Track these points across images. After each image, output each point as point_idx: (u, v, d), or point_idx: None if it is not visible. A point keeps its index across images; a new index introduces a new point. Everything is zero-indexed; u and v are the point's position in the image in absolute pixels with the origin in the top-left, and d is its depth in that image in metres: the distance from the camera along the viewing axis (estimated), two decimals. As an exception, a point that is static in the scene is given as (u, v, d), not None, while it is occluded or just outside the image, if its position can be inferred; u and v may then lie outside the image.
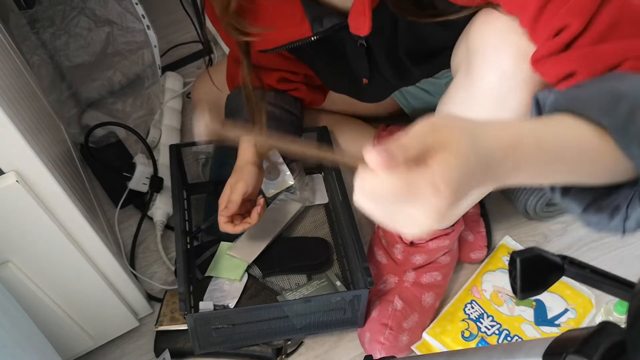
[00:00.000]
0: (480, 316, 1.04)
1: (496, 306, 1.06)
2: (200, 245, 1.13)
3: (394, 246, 1.05)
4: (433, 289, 1.05)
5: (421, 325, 1.03)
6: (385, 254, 1.08)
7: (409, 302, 1.03)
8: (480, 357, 0.55)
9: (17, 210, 0.76)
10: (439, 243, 1.03)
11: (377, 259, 1.08)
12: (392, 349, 0.99)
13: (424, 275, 1.05)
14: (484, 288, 1.08)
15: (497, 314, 1.04)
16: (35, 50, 1.24)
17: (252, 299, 1.05)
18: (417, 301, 1.03)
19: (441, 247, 1.04)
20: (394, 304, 1.02)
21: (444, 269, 1.07)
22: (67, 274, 0.88)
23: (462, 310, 1.05)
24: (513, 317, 1.04)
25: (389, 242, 1.07)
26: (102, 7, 1.27)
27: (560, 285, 1.07)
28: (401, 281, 1.04)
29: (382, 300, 1.03)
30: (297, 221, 1.18)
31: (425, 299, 1.04)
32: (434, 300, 1.05)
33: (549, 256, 0.46)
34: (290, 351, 1.04)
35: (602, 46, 0.60)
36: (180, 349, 1.03)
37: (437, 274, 1.05)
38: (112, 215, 1.19)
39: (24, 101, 0.87)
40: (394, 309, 1.02)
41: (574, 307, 1.05)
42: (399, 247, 1.05)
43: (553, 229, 1.17)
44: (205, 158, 1.25)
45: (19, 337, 0.75)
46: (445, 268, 1.07)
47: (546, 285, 0.46)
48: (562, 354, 0.41)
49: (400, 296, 1.03)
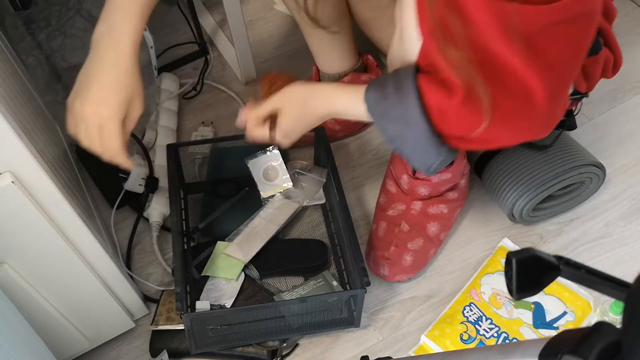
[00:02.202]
0: (479, 319, 1.04)
1: (495, 309, 1.06)
2: (197, 246, 1.13)
3: (401, 177, 1.12)
4: (438, 219, 1.12)
5: (425, 250, 1.10)
6: (394, 184, 1.14)
7: (414, 227, 1.11)
8: (476, 357, 0.56)
9: (13, 212, 0.76)
10: (441, 177, 1.09)
11: (388, 188, 1.16)
12: (395, 266, 1.08)
13: (431, 206, 1.12)
14: (483, 291, 1.08)
15: (495, 316, 1.05)
16: (31, 51, 1.24)
17: (248, 300, 1.05)
18: (422, 228, 1.11)
19: (444, 181, 1.10)
20: (400, 227, 1.10)
21: (451, 203, 1.13)
22: (62, 275, 0.88)
23: (461, 313, 1.05)
24: (512, 319, 1.04)
25: (397, 174, 1.13)
26: (99, 7, 1.25)
27: (559, 287, 1.07)
28: (408, 209, 1.12)
29: (390, 223, 1.12)
30: (294, 221, 1.18)
31: (430, 228, 1.11)
32: (439, 230, 1.12)
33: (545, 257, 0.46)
34: (286, 353, 1.04)
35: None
36: (175, 348, 1.03)
37: (443, 206, 1.12)
38: (107, 216, 1.19)
39: (20, 102, 0.87)
40: (400, 231, 1.10)
41: (573, 309, 1.05)
42: (405, 178, 1.11)
43: (549, 230, 1.17)
44: (202, 158, 1.25)
45: (14, 339, 0.75)
46: (452, 203, 1.14)
47: (542, 286, 0.46)
48: (557, 354, 0.41)
49: (407, 221, 1.11)
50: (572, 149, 1.13)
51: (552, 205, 1.16)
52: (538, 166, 1.11)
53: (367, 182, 1.26)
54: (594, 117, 1.33)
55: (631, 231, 1.17)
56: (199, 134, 1.30)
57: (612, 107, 1.35)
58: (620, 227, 1.17)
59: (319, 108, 0.91)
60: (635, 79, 1.38)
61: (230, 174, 1.21)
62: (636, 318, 0.38)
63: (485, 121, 0.74)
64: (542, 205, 1.15)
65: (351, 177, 1.26)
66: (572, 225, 1.18)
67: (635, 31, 1.46)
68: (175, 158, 1.15)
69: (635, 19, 1.48)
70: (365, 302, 1.07)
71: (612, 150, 1.27)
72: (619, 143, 1.29)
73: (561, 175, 1.10)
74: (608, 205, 1.20)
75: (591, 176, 1.14)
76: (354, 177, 1.26)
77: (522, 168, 1.12)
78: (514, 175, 1.12)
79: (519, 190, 1.11)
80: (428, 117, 0.79)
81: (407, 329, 1.07)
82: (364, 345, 1.06)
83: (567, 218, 1.19)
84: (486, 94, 0.72)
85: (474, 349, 0.83)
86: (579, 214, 1.19)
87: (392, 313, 1.09)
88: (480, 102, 0.73)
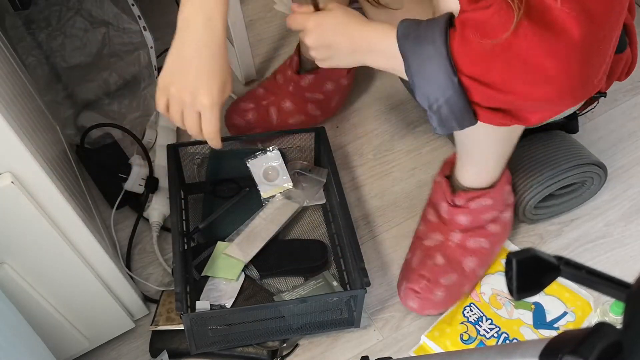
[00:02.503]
0: (479, 319, 1.04)
1: (495, 309, 1.06)
2: (197, 246, 1.13)
3: (440, 205, 1.07)
4: (477, 254, 1.06)
5: (459, 286, 1.04)
6: (434, 212, 1.09)
7: (450, 261, 1.05)
8: (476, 357, 0.55)
9: (13, 212, 0.76)
10: (481, 202, 1.03)
11: (428, 217, 1.10)
12: (425, 301, 1.03)
13: (470, 239, 1.06)
14: (483, 291, 1.08)
15: (496, 317, 1.05)
16: (31, 51, 1.24)
17: (248, 300, 1.05)
18: (458, 263, 1.05)
19: (485, 208, 1.04)
20: (435, 259, 1.05)
21: (492, 237, 1.07)
22: (62, 276, 0.88)
23: (461, 313, 1.05)
24: (512, 320, 1.04)
25: (436, 201, 1.09)
26: (98, 8, 1.27)
27: (559, 288, 1.07)
28: (446, 240, 1.06)
29: (425, 254, 1.06)
30: (294, 222, 1.18)
31: (467, 263, 1.05)
32: (476, 266, 1.06)
33: (545, 257, 0.46)
34: (286, 353, 1.04)
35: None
36: (175, 349, 1.03)
37: (483, 240, 1.06)
38: (107, 217, 1.19)
39: (20, 102, 0.87)
40: (434, 264, 1.04)
41: (573, 309, 1.05)
42: (444, 206, 1.06)
43: (549, 230, 1.17)
44: (201, 159, 1.25)
45: (14, 339, 0.75)
46: (493, 237, 1.07)
47: (542, 286, 0.46)
48: (558, 354, 0.41)
49: (443, 254, 1.05)
50: (574, 148, 1.13)
51: (553, 205, 1.16)
52: (541, 163, 1.11)
53: (367, 182, 1.25)
54: (594, 117, 1.33)
55: (631, 231, 1.17)
56: (199, 134, 1.30)
57: (612, 107, 1.35)
58: (620, 227, 1.17)
59: (356, 37, 0.85)
60: (635, 79, 1.38)
61: (230, 174, 1.21)
62: (636, 318, 0.38)
63: (511, 29, 0.67)
64: (544, 204, 1.15)
65: (351, 178, 1.26)
66: (572, 226, 1.18)
67: (636, 31, 1.45)
68: (175, 158, 1.15)
69: (635, 19, 1.48)
70: (366, 302, 1.07)
71: (612, 151, 1.27)
72: (619, 143, 1.29)
73: (565, 172, 1.09)
74: (608, 206, 1.20)
75: (593, 176, 1.14)
76: (354, 177, 1.26)
77: (525, 165, 1.12)
78: (517, 171, 1.12)
79: (523, 186, 1.10)
80: (448, 38, 0.73)
81: (407, 329, 1.07)
82: (364, 345, 1.05)
83: (567, 218, 1.19)
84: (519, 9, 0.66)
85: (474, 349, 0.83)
86: (579, 214, 1.19)
87: (392, 313, 1.09)
88: (511, 13, 0.67)
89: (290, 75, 1.26)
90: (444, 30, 0.74)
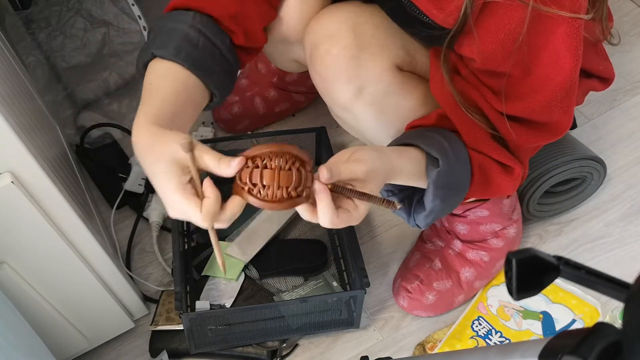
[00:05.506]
0: (489, 332, 1.04)
1: (503, 321, 1.05)
2: (197, 246, 1.13)
3: None
4: (475, 267, 1.06)
5: (452, 295, 1.06)
6: (439, 220, 1.10)
7: (447, 268, 1.06)
8: (476, 358, 0.55)
9: (12, 212, 0.76)
10: (477, 212, 1.03)
11: (434, 223, 1.10)
12: (415, 301, 1.05)
13: (471, 251, 1.07)
14: (490, 303, 1.07)
15: (505, 329, 1.04)
16: (31, 51, 1.24)
17: (248, 300, 1.05)
18: (455, 271, 1.06)
19: (482, 219, 1.04)
20: (433, 263, 1.07)
21: (493, 252, 1.07)
22: (62, 275, 0.88)
23: (470, 328, 1.04)
24: (521, 331, 1.04)
25: None
26: (98, 8, 1.27)
27: (565, 295, 1.06)
28: (447, 247, 1.08)
29: (424, 257, 1.08)
30: (294, 222, 1.18)
31: (464, 273, 1.06)
32: (473, 278, 1.06)
33: (545, 257, 0.46)
34: (286, 353, 1.04)
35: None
36: (175, 348, 1.03)
37: (484, 253, 1.07)
38: (107, 216, 1.19)
39: (20, 102, 0.87)
40: (431, 267, 1.07)
41: (581, 317, 1.04)
42: None
43: (549, 230, 1.17)
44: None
45: (14, 339, 0.75)
46: (494, 252, 1.07)
47: (542, 287, 0.46)
48: (557, 354, 0.41)
49: (441, 259, 1.07)
50: (571, 144, 1.13)
51: (555, 202, 1.15)
52: (538, 158, 1.10)
53: (367, 182, 1.25)
54: (594, 118, 1.33)
55: (631, 231, 1.17)
56: (198, 134, 1.30)
57: (612, 107, 1.35)
58: (620, 227, 1.17)
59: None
60: (635, 79, 1.38)
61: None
62: (636, 318, 0.38)
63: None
64: (547, 201, 1.14)
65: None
66: (572, 226, 1.18)
67: (636, 31, 1.46)
68: (175, 158, 1.15)
69: (635, 19, 1.48)
70: (365, 302, 1.07)
71: (612, 151, 1.27)
72: (619, 143, 1.29)
73: (562, 165, 1.09)
74: (608, 206, 1.20)
75: (591, 171, 1.13)
76: (354, 177, 1.26)
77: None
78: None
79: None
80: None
81: (406, 329, 1.07)
82: (363, 345, 1.05)
83: (567, 218, 1.19)
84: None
85: (474, 349, 0.83)
86: (578, 214, 1.19)
87: (392, 313, 1.09)
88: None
89: (275, 69, 1.27)
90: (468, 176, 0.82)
